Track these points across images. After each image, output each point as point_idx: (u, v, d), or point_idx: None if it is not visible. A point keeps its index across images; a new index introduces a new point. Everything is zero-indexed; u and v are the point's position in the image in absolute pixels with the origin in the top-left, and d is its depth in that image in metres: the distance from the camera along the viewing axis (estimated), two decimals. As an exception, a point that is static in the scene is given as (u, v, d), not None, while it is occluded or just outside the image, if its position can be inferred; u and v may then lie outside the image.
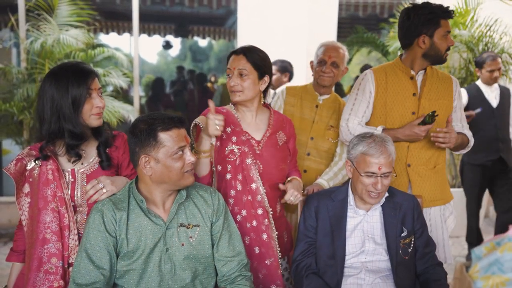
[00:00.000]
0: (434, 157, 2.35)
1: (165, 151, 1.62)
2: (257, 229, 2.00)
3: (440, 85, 2.35)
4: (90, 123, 1.78)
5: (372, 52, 5.72)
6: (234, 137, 2.03)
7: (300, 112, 2.63)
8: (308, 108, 2.63)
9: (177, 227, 1.70)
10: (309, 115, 2.62)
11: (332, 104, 2.65)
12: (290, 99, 2.66)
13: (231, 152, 2.02)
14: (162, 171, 1.63)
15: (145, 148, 1.62)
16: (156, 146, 1.61)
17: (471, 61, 4.72)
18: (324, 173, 2.53)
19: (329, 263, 1.98)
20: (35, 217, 1.74)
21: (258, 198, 2.01)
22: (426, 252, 2.02)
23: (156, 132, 1.61)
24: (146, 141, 1.62)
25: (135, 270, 1.65)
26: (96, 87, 1.77)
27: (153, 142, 1.61)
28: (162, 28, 7.38)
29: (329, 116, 2.61)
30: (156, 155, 1.62)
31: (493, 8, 4.72)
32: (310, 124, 2.60)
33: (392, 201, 2.02)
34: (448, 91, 2.37)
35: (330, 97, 2.67)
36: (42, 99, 1.74)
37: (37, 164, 1.76)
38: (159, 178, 1.65)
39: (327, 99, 2.65)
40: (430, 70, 2.36)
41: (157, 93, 7.29)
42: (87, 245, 1.63)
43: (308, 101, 2.65)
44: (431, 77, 2.35)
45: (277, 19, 4.97)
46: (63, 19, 4.37)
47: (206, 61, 9.12)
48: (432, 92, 2.33)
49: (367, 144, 1.92)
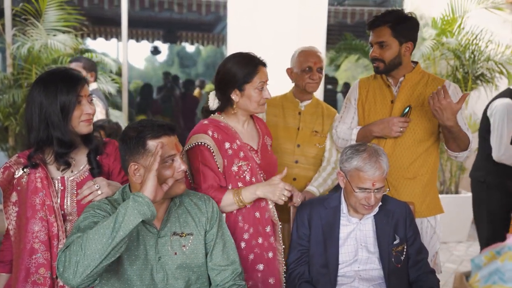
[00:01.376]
0: (415, 166, 2.28)
1: None
2: (262, 246, 1.97)
3: (427, 91, 2.28)
4: (79, 130, 1.74)
5: (360, 59, 5.76)
6: (241, 153, 1.98)
7: (284, 121, 2.62)
8: (291, 116, 2.62)
9: (171, 236, 1.67)
10: (293, 123, 2.61)
11: (315, 109, 2.64)
12: (271, 109, 2.62)
13: (239, 169, 1.97)
14: None
15: (134, 156, 1.59)
16: (145, 154, 1.58)
17: (458, 69, 4.78)
18: (314, 180, 2.52)
19: (322, 272, 1.96)
20: (23, 227, 1.70)
21: (266, 215, 1.99)
22: (418, 260, 2.02)
23: (145, 140, 1.58)
24: (135, 148, 1.58)
25: (128, 278, 1.61)
26: (85, 93, 1.74)
27: (142, 150, 1.58)
28: (151, 34, 7.35)
29: (313, 122, 2.61)
30: (145, 163, 1.58)
31: (479, 16, 4.80)
32: (295, 132, 2.59)
33: (385, 209, 2.02)
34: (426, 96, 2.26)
35: (312, 102, 2.66)
36: (30, 106, 1.70)
37: (25, 172, 1.72)
38: None
39: (309, 105, 2.65)
40: (412, 76, 2.31)
41: (145, 99, 7.25)
42: (79, 223, 1.53)
43: (290, 109, 2.63)
44: (412, 83, 2.30)
45: (267, 26, 4.97)
46: (50, 24, 4.32)
47: (194, 67, 9.09)
48: (413, 98, 2.28)
49: (362, 159, 1.89)
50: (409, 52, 2.28)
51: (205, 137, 1.93)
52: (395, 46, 2.23)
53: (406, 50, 2.26)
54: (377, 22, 2.25)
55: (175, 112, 7.20)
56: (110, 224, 1.40)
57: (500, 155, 3.04)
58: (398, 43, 2.24)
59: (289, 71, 2.67)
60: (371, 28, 2.29)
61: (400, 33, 2.23)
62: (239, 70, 1.95)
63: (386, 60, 2.26)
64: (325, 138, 2.60)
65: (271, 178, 1.94)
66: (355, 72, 8.23)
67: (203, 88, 7.62)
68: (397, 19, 2.23)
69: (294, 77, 2.64)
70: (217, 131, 1.96)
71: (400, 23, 2.23)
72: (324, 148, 2.60)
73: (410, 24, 2.27)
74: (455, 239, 4.79)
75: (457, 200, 4.70)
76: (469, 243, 4.75)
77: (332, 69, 6.47)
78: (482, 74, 4.80)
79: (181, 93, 7.46)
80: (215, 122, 1.99)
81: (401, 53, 2.26)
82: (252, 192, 1.90)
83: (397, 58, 2.26)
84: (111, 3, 5.53)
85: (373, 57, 2.29)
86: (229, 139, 1.97)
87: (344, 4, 6.04)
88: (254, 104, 1.97)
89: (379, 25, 2.24)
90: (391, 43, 2.23)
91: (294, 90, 2.68)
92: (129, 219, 1.40)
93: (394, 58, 2.25)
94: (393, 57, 2.25)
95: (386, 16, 2.25)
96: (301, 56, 2.61)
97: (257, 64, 1.97)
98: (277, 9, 4.98)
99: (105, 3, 5.55)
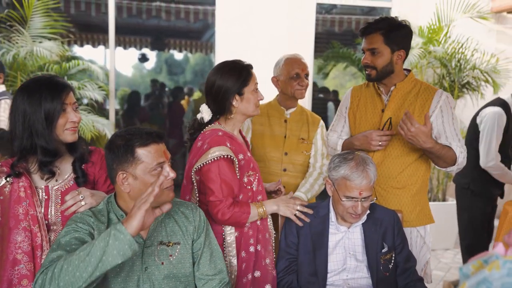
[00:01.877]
0: (404, 176, 2.27)
1: (143, 167, 1.55)
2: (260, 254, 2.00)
3: (417, 100, 2.25)
4: (64, 138, 1.71)
5: (348, 67, 5.80)
6: (251, 164, 2.02)
7: (270, 129, 2.61)
8: (277, 125, 2.62)
9: (157, 245, 1.64)
10: (280, 131, 2.61)
11: (300, 116, 2.65)
12: (257, 118, 2.61)
13: (248, 179, 2.00)
14: (140, 188, 1.55)
15: (122, 165, 1.56)
16: (133, 162, 1.55)
17: (445, 77, 4.83)
18: (301, 185, 2.52)
19: (311, 281, 1.95)
20: (5, 237, 1.66)
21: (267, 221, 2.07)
22: (406, 268, 2.02)
23: (133, 148, 1.55)
24: (124, 157, 1.55)
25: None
26: (71, 101, 1.71)
27: (131, 158, 1.55)
28: (138, 41, 7.32)
29: (299, 129, 2.62)
30: (134, 172, 1.55)
31: (465, 25, 4.88)
32: (282, 140, 2.59)
33: (373, 217, 2.02)
34: (425, 105, 2.24)
35: (297, 109, 2.67)
36: (14, 114, 1.67)
37: (8, 182, 1.69)
38: (138, 194, 1.56)
39: (294, 112, 2.65)
40: (403, 85, 2.28)
41: (132, 107, 7.21)
42: (59, 240, 1.49)
43: (276, 118, 2.64)
44: (403, 92, 2.28)
45: (255, 34, 4.99)
46: (36, 30, 4.27)
47: (182, 74, 9.07)
48: (404, 108, 2.25)
49: (349, 168, 1.89)
50: (401, 60, 2.26)
51: (227, 149, 1.92)
52: (387, 53, 2.22)
53: (398, 58, 2.24)
54: (370, 28, 2.24)
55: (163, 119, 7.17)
56: (86, 258, 1.31)
57: (487, 162, 3.07)
58: (390, 51, 2.22)
59: (274, 80, 2.66)
60: (363, 34, 2.27)
61: (393, 41, 2.21)
62: (235, 77, 1.99)
63: (377, 67, 2.24)
64: (311, 144, 2.61)
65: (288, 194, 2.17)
66: (343, 80, 8.28)
67: (191, 95, 7.60)
68: (390, 27, 2.22)
69: (280, 85, 2.63)
70: (232, 143, 1.96)
71: (393, 30, 2.22)
72: (310, 155, 2.61)
73: (403, 32, 2.25)
74: (442, 247, 4.82)
75: (445, 208, 4.73)
76: (456, 250, 4.77)
77: (321, 77, 6.49)
78: (468, 83, 4.86)
79: (169, 101, 7.44)
80: (227, 134, 1.99)
81: (393, 61, 2.24)
82: (271, 206, 2.01)
83: (388, 66, 2.24)
84: (98, 10, 5.50)
85: (365, 63, 2.27)
86: (241, 151, 1.99)
87: (332, 12, 6.09)
88: (253, 106, 2.03)
89: (372, 31, 2.23)
90: (383, 50, 2.22)
91: (279, 98, 2.68)
92: (107, 260, 1.31)
93: (385, 66, 2.23)
94: (385, 64, 2.23)
95: (379, 23, 2.23)
96: (287, 64, 2.60)
97: (247, 68, 2.04)
98: (265, 17, 5.00)
99: (92, 10, 5.52)
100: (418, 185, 2.31)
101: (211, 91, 2.01)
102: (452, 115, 2.23)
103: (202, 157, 1.91)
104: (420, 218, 2.32)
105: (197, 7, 5.84)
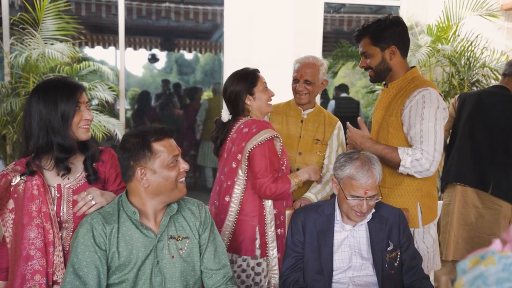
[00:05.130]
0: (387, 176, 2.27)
1: (161, 161, 1.63)
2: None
3: (399, 99, 2.24)
4: (79, 136, 1.77)
5: (357, 66, 5.79)
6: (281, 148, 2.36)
7: (286, 128, 2.64)
8: (293, 124, 2.64)
9: (167, 240, 1.70)
10: (295, 131, 2.63)
11: (317, 117, 2.66)
12: (275, 117, 2.66)
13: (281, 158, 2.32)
14: (158, 181, 1.64)
15: (140, 161, 1.63)
16: (151, 157, 1.62)
17: (454, 75, 4.81)
18: (312, 186, 2.54)
19: (317, 278, 1.97)
20: (19, 234, 1.72)
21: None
22: (412, 266, 2.03)
23: (150, 143, 1.63)
24: (141, 153, 1.62)
25: (127, 282, 1.63)
26: (84, 100, 1.78)
27: (148, 154, 1.62)
28: (148, 42, 7.38)
29: (315, 130, 2.63)
30: (153, 166, 1.63)
31: (474, 23, 4.84)
32: (297, 140, 2.61)
33: (378, 215, 2.03)
34: (402, 103, 2.21)
35: (314, 110, 2.68)
36: (29, 115, 1.73)
37: (22, 180, 1.74)
38: (156, 189, 1.65)
39: (311, 113, 2.67)
40: (395, 84, 2.30)
41: (142, 107, 7.26)
42: (74, 260, 1.60)
43: (293, 117, 2.66)
44: (393, 92, 2.30)
45: (263, 33, 5.01)
46: (48, 33, 4.34)
47: (192, 74, 9.12)
48: (391, 106, 2.28)
49: (355, 168, 1.91)
50: (394, 55, 2.26)
51: (272, 131, 2.26)
52: (377, 53, 2.27)
53: (391, 54, 2.26)
54: (359, 35, 2.32)
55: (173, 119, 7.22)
56: None
57: None
58: (380, 50, 2.27)
59: None
60: (356, 42, 2.36)
61: (380, 40, 2.25)
62: (244, 81, 2.30)
63: (373, 68, 2.31)
64: (326, 146, 2.62)
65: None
66: (353, 79, 8.27)
67: (201, 95, 7.64)
68: (376, 28, 2.26)
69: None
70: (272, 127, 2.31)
71: (378, 30, 2.26)
72: (324, 155, 2.62)
73: (391, 30, 2.25)
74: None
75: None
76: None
77: (330, 76, 6.50)
78: (477, 81, 4.83)
79: (180, 100, 7.49)
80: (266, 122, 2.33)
81: (386, 58, 2.27)
82: (303, 175, 2.32)
83: (382, 64, 2.28)
84: (108, 11, 5.56)
85: (362, 67, 2.37)
86: None
87: (341, 11, 6.09)
88: (265, 103, 2.33)
89: (361, 37, 2.31)
90: (373, 52, 2.28)
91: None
92: None
93: (379, 64, 2.28)
94: (377, 63, 2.28)
95: (366, 28, 2.30)
96: (294, 66, 2.65)
97: (254, 72, 2.34)
98: (273, 17, 5.02)
99: (102, 12, 5.58)
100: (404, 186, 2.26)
101: (227, 97, 2.34)
102: (422, 115, 2.11)
103: (253, 139, 2.21)
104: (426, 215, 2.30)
105: (206, 8, 5.87)
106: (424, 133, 2.11)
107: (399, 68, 2.30)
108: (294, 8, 5.06)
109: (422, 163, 2.09)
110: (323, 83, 2.65)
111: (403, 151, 2.12)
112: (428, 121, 2.11)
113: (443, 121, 2.17)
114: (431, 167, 2.10)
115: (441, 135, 2.13)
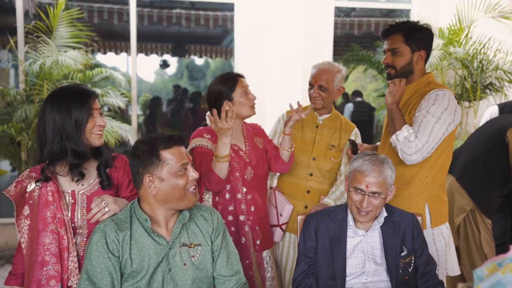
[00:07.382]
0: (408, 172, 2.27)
1: (169, 168, 1.64)
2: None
3: (413, 101, 2.28)
4: (92, 142, 1.80)
5: (368, 70, 5.78)
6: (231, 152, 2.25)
7: (301, 133, 2.63)
8: (308, 129, 2.63)
9: (179, 247, 1.70)
10: (310, 136, 2.62)
11: (333, 123, 2.64)
12: None
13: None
14: (166, 189, 1.64)
15: (148, 168, 1.64)
16: (159, 165, 1.63)
17: (467, 78, 4.77)
18: (331, 192, 2.53)
19: (330, 284, 1.96)
20: (34, 239, 1.74)
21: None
22: (426, 271, 2.01)
23: (158, 151, 1.64)
24: (149, 160, 1.63)
25: None
26: (97, 107, 1.81)
27: (156, 161, 1.63)
28: (159, 48, 7.43)
29: (330, 136, 2.61)
30: (160, 174, 1.63)
31: (487, 25, 4.81)
32: (311, 145, 2.60)
33: (391, 220, 2.02)
34: (415, 106, 2.26)
35: (331, 116, 2.66)
36: (43, 122, 1.76)
37: (37, 186, 1.77)
38: (164, 197, 1.65)
39: (327, 119, 2.65)
40: (411, 88, 2.32)
41: (154, 112, 7.31)
42: (88, 266, 1.62)
43: (309, 122, 2.64)
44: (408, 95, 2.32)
45: (273, 38, 5.02)
46: (61, 40, 4.41)
47: (203, 79, 9.16)
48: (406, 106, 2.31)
49: (363, 161, 1.94)
50: (421, 60, 2.29)
51: (202, 140, 2.26)
52: (407, 53, 2.26)
53: (418, 59, 2.28)
54: (391, 30, 2.30)
55: (185, 124, 7.26)
56: None
57: None
58: (410, 51, 2.26)
59: None
60: (384, 36, 2.33)
61: (413, 41, 2.25)
62: (222, 86, 2.26)
63: (397, 67, 2.28)
64: (340, 152, 2.60)
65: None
66: (364, 82, 8.24)
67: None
68: (411, 28, 2.28)
69: None
70: (211, 134, 2.31)
71: (413, 31, 2.27)
72: (340, 162, 2.60)
73: (423, 33, 2.29)
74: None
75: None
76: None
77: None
78: (491, 83, 4.79)
79: (191, 106, 7.53)
80: (208, 128, 2.36)
81: (413, 61, 2.28)
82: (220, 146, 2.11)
83: (408, 66, 2.28)
84: (120, 18, 5.62)
85: (385, 63, 2.32)
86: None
87: (351, 15, 6.08)
88: (247, 108, 2.29)
89: (393, 32, 2.29)
90: (403, 50, 2.26)
91: None
92: None
93: (405, 65, 2.28)
94: (404, 64, 2.27)
95: (400, 25, 2.30)
96: (311, 71, 2.63)
97: (235, 76, 2.29)
98: (284, 21, 5.03)
99: (114, 19, 5.64)
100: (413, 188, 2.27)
101: (208, 99, 2.31)
102: (429, 110, 2.15)
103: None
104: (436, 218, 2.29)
105: (217, 13, 5.91)
106: (423, 124, 2.15)
107: (419, 73, 2.32)
108: (304, 13, 5.07)
109: (410, 146, 2.13)
110: (340, 89, 2.60)
111: (406, 126, 2.18)
112: (432, 115, 2.14)
113: (448, 124, 2.16)
114: (414, 154, 2.13)
115: (438, 134, 2.14)
